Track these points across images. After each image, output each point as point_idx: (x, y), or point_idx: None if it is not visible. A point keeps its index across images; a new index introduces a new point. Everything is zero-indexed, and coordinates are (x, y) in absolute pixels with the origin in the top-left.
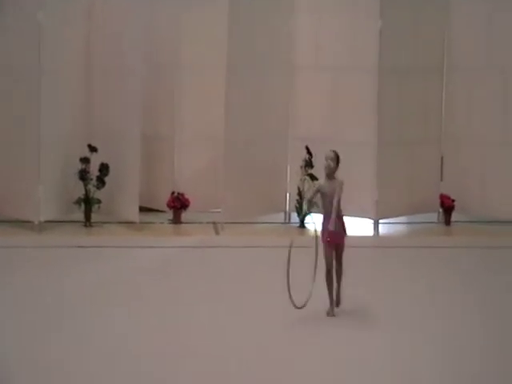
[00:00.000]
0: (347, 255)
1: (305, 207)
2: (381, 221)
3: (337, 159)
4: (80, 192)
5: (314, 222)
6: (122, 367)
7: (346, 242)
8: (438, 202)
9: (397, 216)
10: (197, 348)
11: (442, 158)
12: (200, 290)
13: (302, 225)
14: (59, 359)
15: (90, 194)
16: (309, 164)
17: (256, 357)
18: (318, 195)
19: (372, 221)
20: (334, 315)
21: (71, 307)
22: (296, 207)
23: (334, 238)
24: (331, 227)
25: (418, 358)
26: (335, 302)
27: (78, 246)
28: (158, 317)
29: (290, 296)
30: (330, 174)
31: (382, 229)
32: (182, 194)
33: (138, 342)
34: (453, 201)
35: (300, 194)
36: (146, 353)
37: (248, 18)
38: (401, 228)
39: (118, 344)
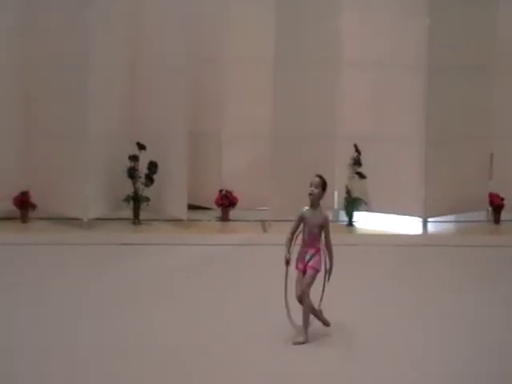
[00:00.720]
0: (396, 254)
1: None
2: (429, 219)
3: (322, 185)
4: (128, 190)
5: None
6: (166, 363)
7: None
8: (486, 200)
9: (445, 214)
10: (243, 346)
11: (491, 156)
12: (247, 288)
13: (349, 223)
14: (101, 354)
15: (138, 191)
16: (357, 162)
17: (303, 353)
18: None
19: (420, 219)
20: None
21: (119, 304)
22: (344, 205)
23: (306, 265)
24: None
25: (464, 355)
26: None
27: (127, 244)
28: (205, 314)
29: (289, 315)
30: (314, 202)
31: (430, 227)
32: (230, 192)
33: (183, 339)
34: (502, 199)
35: (348, 192)
36: (192, 350)
37: (295, 14)
38: (449, 226)
39: (164, 342)
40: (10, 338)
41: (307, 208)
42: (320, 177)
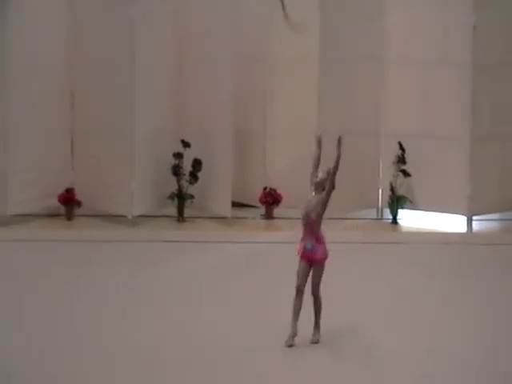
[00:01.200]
0: (441, 252)
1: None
2: (474, 217)
3: (328, 174)
4: (173, 187)
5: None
6: (211, 360)
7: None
8: None
9: (490, 213)
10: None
11: None
12: (291, 285)
13: (394, 221)
14: (144, 352)
15: (183, 189)
16: (401, 160)
17: (345, 352)
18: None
19: (465, 217)
20: (292, 345)
21: (163, 300)
22: (388, 203)
23: (308, 255)
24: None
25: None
26: (312, 338)
27: (171, 241)
28: (249, 312)
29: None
30: (317, 187)
31: (475, 225)
32: (275, 190)
33: (227, 337)
34: None
35: (392, 189)
36: (236, 347)
37: (339, 13)
38: (494, 225)
39: (208, 339)
40: (51, 334)
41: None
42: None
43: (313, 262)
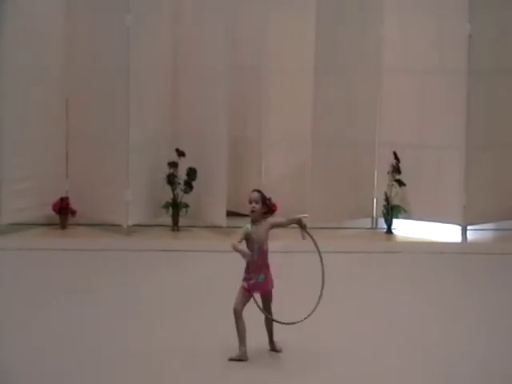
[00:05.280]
0: (435, 261)
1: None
2: (469, 227)
3: (262, 199)
4: (168, 196)
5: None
6: (199, 369)
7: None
8: None
9: (485, 222)
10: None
11: None
12: (286, 295)
13: (389, 230)
14: (139, 363)
15: (177, 198)
16: (396, 170)
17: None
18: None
19: (460, 227)
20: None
21: (158, 310)
22: (383, 213)
23: (261, 287)
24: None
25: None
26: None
27: (166, 250)
28: (245, 319)
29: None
30: (255, 218)
31: (470, 235)
32: (269, 199)
33: (221, 347)
34: None
35: (387, 199)
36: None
37: (335, 20)
38: (490, 234)
39: (202, 349)
40: (45, 343)
41: (249, 225)
42: (258, 191)
43: (267, 294)
